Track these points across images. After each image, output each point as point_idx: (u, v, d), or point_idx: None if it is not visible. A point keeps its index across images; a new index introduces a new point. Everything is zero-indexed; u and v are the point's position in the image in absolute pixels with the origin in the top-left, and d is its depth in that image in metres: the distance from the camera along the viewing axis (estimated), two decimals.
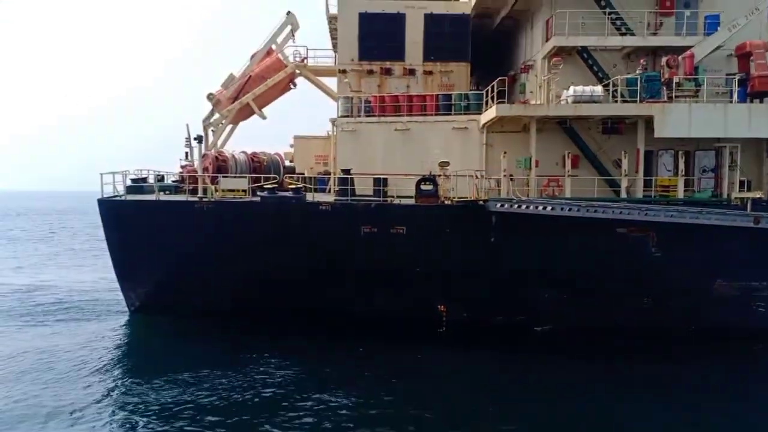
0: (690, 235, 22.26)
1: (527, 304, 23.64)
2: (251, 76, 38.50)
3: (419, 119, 26.39)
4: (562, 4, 25.26)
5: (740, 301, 22.77)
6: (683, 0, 25.34)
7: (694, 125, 22.60)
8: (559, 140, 25.16)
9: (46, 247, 57.35)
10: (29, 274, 39.26)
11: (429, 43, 29.27)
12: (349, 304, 24.14)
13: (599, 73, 25.22)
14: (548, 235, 22.80)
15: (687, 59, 23.18)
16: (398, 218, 23.46)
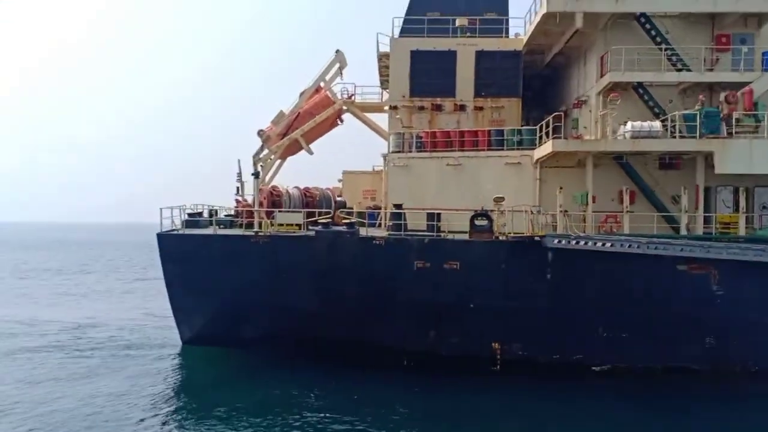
0: (752, 272, 21.74)
1: (585, 342, 23.21)
2: (300, 112, 39.37)
3: (471, 154, 26.48)
4: (617, 40, 25.27)
5: None
6: (740, 36, 25.14)
7: (755, 161, 22.25)
8: (614, 176, 24.96)
9: (94, 281, 58.60)
10: (79, 308, 40.07)
11: (480, 80, 29.50)
12: (402, 340, 24.06)
13: (655, 108, 25.04)
14: (606, 272, 22.48)
15: (746, 95, 22.92)
16: (452, 253, 23.41)
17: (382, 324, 24.08)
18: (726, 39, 25.03)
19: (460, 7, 31.49)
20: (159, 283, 29.94)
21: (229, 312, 25.45)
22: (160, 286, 28.63)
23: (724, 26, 25.12)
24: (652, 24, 25.01)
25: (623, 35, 25.44)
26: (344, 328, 24.16)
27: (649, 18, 25.01)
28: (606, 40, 25.70)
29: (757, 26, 25.04)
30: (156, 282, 50.28)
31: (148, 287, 50.81)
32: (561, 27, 26.51)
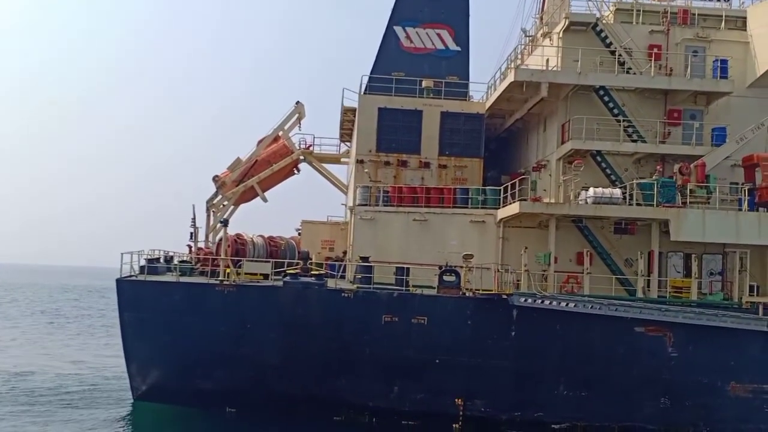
0: (705, 336, 22.86)
1: (545, 400, 23.65)
2: (257, 160, 39.46)
3: (437, 210, 27.09)
4: (577, 110, 26.70)
5: (753, 403, 23.14)
6: (690, 112, 27.03)
7: (707, 230, 23.69)
8: (573, 238, 26.00)
9: (43, 325, 55.56)
10: (22, 355, 37.95)
11: (444, 139, 30.46)
12: (366, 395, 23.94)
13: (612, 175, 26.39)
14: (568, 331, 23.19)
15: (699, 167, 24.51)
16: (420, 308, 23.67)
17: (346, 379, 23.92)
18: (677, 114, 26.85)
19: (424, 69, 32.60)
20: (111, 330, 28.83)
21: (188, 364, 24.69)
22: (112, 333, 27.53)
23: (676, 102, 26.97)
24: (610, 97, 26.59)
25: (583, 105, 26.92)
26: (307, 383, 23.88)
27: (608, 91, 26.59)
28: (567, 110, 27.12)
29: (705, 104, 27.00)
30: (107, 329, 48.43)
31: (98, 334, 48.58)
32: (525, 95, 27.82)
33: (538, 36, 33.48)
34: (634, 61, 27.08)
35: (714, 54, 27.31)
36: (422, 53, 33.24)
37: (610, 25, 27.61)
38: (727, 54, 27.19)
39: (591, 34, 27.36)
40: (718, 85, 26.24)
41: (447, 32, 33.52)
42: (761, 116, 25.76)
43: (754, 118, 25.80)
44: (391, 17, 33.79)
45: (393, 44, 33.34)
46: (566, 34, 27.66)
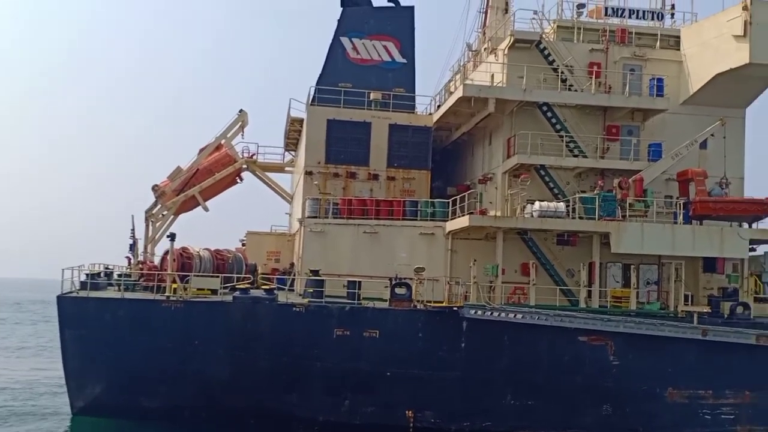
0: (644, 344, 23.83)
1: (493, 409, 24.14)
2: (199, 169, 38.83)
3: (387, 223, 27.31)
4: (521, 125, 27.45)
5: (689, 408, 24.25)
6: (627, 128, 28.18)
7: (646, 243, 24.75)
8: (517, 249, 26.67)
9: None
10: None
11: (393, 151, 30.83)
12: (316, 410, 23.91)
13: (555, 189, 27.23)
14: (515, 341, 23.77)
15: (637, 182, 25.59)
16: (372, 321, 23.80)
17: (296, 393, 23.83)
18: (616, 130, 27.93)
19: (371, 81, 32.85)
20: (49, 343, 27.75)
21: (131, 380, 24.06)
22: (51, 348, 26.53)
23: (614, 118, 28.05)
24: (553, 113, 27.45)
25: (527, 121, 27.69)
26: (256, 398, 23.65)
27: (551, 107, 27.44)
28: (512, 124, 27.84)
29: (642, 120, 28.18)
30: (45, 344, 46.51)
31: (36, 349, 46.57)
32: (472, 109, 28.41)
33: (482, 51, 34.21)
34: (575, 78, 28.04)
35: (650, 72, 28.56)
36: (369, 65, 33.47)
37: (552, 42, 28.49)
38: (663, 72, 28.48)
39: (535, 52, 28.16)
40: (654, 103, 27.44)
41: (393, 44, 33.87)
42: (694, 132, 27.06)
43: (688, 135, 27.09)
44: (337, 28, 33.91)
45: (339, 55, 33.47)
46: (511, 51, 28.39)
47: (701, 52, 28.05)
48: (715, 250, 25.25)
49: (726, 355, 23.88)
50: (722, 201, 25.61)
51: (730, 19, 26.29)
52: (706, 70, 27.71)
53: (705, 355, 24.02)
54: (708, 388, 24.18)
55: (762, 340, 23.72)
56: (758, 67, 25.80)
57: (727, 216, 25.56)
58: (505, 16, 38.36)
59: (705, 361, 24.09)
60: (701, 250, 25.22)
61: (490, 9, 38.97)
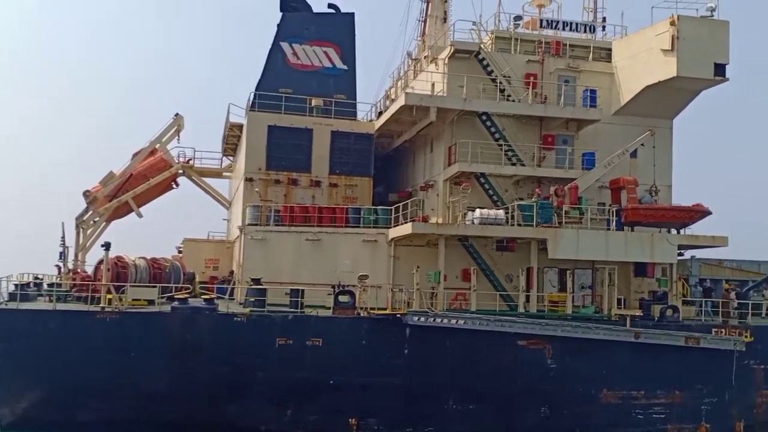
0: (581, 347, 24.57)
1: (436, 414, 24.37)
2: (132, 174, 37.78)
3: (330, 230, 27.26)
4: (462, 134, 27.93)
5: (622, 408, 25.15)
6: (562, 137, 29.07)
7: (581, 248, 25.58)
8: (458, 255, 27.09)
9: None
10: None
11: (335, 158, 30.83)
12: (258, 420, 23.58)
13: (494, 196, 27.81)
14: (457, 347, 24.10)
15: (572, 190, 26.43)
16: (315, 330, 23.66)
17: (237, 404, 23.43)
18: (551, 139, 28.79)
19: (311, 87, 32.78)
20: None
21: (64, 394, 23.14)
22: None
23: (550, 128, 28.90)
24: (492, 122, 28.04)
25: (467, 129, 28.22)
26: (195, 410, 23.12)
27: (490, 116, 28.02)
28: (453, 133, 28.28)
29: (576, 130, 29.12)
30: None
31: None
32: (414, 117, 28.71)
33: (423, 59, 34.63)
34: (512, 88, 28.73)
35: (583, 83, 29.57)
36: (309, 70, 33.39)
37: (491, 53, 29.12)
38: (595, 83, 29.53)
39: (474, 62, 28.72)
40: (587, 113, 28.42)
41: (334, 50, 33.91)
42: (625, 142, 28.14)
43: (620, 144, 28.15)
44: (277, 33, 33.69)
45: (279, 60, 33.25)
46: (451, 60, 28.87)
47: (631, 64, 29.21)
48: (646, 256, 26.33)
49: (657, 356, 24.87)
50: (652, 208, 26.72)
51: (658, 34, 27.48)
52: (636, 82, 28.86)
53: (637, 357, 24.95)
54: (640, 388, 25.13)
55: (690, 341, 24.84)
56: (685, 80, 27.07)
57: (657, 222, 26.70)
58: (444, 26, 39.02)
59: (637, 363, 25.01)
60: (633, 256, 26.26)
61: (429, 18, 39.55)
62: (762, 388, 25.97)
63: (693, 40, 26.65)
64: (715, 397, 25.51)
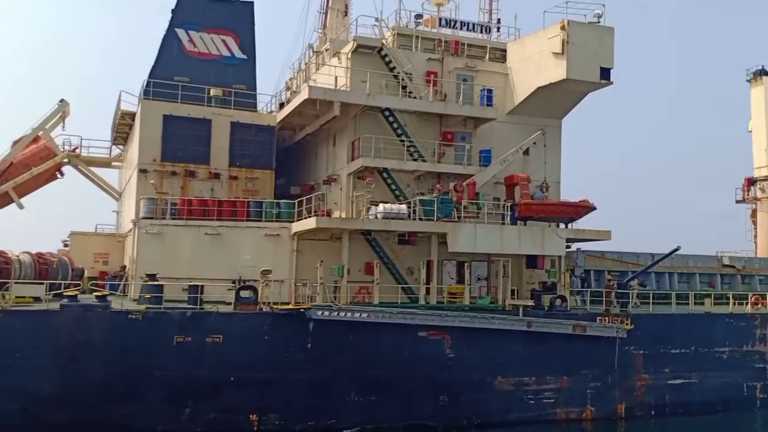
0: (478, 337, 25.52)
1: (337, 407, 24.53)
2: (13, 162, 35.48)
3: (230, 224, 26.71)
4: (365, 129, 28.15)
5: (515, 394, 26.37)
6: (461, 134, 29.95)
7: (478, 242, 26.51)
8: (361, 249, 27.36)
9: None
10: None
11: (235, 150, 30.16)
12: (153, 420, 22.79)
13: (396, 191, 28.25)
14: (360, 339, 24.34)
15: (471, 186, 27.32)
16: (215, 326, 23.16)
17: (132, 404, 22.55)
18: (451, 136, 29.58)
19: (209, 76, 31.88)
20: None
21: None
22: None
23: (449, 125, 29.68)
24: (395, 118, 28.41)
25: (370, 124, 28.47)
26: (86, 412, 22.06)
27: (393, 112, 28.40)
28: (356, 128, 28.45)
29: (474, 127, 30.09)
30: None
31: None
32: (317, 111, 28.60)
33: (324, 51, 34.53)
34: (414, 85, 29.26)
35: (480, 83, 30.56)
36: (207, 59, 32.49)
37: (393, 50, 29.48)
38: (491, 83, 30.60)
39: (377, 57, 28.99)
40: (484, 112, 29.42)
41: (232, 39, 33.16)
42: (519, 140, 29.36)
43: (514, 142, 29.33)
44: (172, 19, 32.54)
45: (175, 47, 32.14)
46: (354, 55, 28.99)
47: (524, 66, 30.49)
48: (537, 248, 27.68)
49: (547, 343, 26.25)
50: (543, 203, 28.11)
51: (550, 38, 28.85)
52: (528, 84, 30.17)
53: (529, 345, 26.21)
54: (532, 375, 26.42)
55: (577, 329, 26.39)
56: (573, 83, 28.59)
57: (548, 217, 28.12)
58: (345, 19, 39.12)
59: (529, 350, 26.28)
60: (526, 248, 27.52)
61: (331, 10, 39.56)
62: (641, 372, 27.98)
63: (581, 44, 28.16)
64: (599, 381, 27.25)
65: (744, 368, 30.05)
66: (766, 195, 46.71)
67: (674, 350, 28.75)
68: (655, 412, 28.34)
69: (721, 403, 29.32)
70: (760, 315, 30.84)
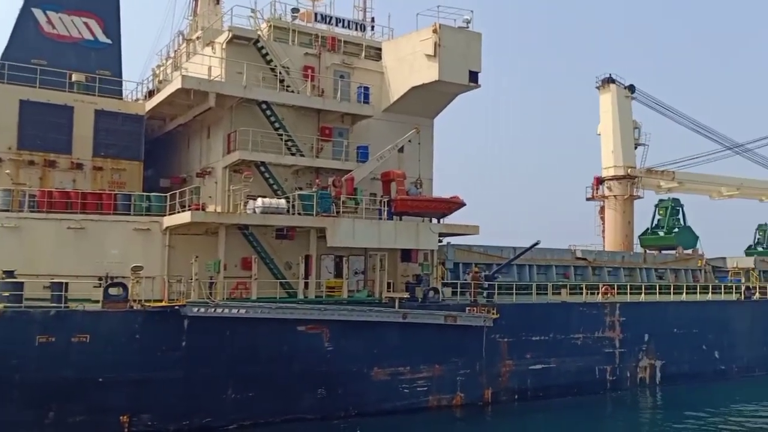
0: (355, 329, 26.01)
1: (214, 405, 24.04)
2: None
3: (95, 218, 25.28)
4: (241, 121, 27.68)
5: (391, 384, 27.12)
6: (338, 130, 30.25)
7: (357, 237, 27.00)
8: (238, 244, 26.93)
9: None
10: None
11: (99, 139, 28.52)
12: (13, 426, 21.21)
13: (275, 185, 28.05)
14: (237, 336, 24.02)
15: (349, 181, 27.71)
16: (82, 325, 21.95)
17: None
18: (329, 131, 29.79)
19: (70, 60, 29.92)
20: None
21: None
22: None
23: (327, 120, 29.88)
24: (272, 111, 28.17)
25: (247, 117, 28.03)
26: None
27: (270, 106, 28.14)
28: (232, 120, 27.89)
29: (351, 124, 30.49)
30: None
31: None
32: (190, 101, 27.69)
33: (195, 40, 33.46)
34: (291, 79, 29.16)
35: (357, 80, 31.01)
36: (67, 42, 30.47)
37: (270, 43, 29.19)
38: (367, 81, 31.13)
39: (253, 49, 28.58)
40: (361, 109, 29.91)
41: (95, 21, 31.34)
42: (395, 138, 30.13)
43: (389, 139, 30.05)
44: None
45: (31, 28, 29.86)
46: (229, 46, 28.37)
47: (399, 66, 31.33)
48: (412, 243, 28.64)
49: (421, 334, 27.25)
50: (418, 199, 29.11)
51: (423, 39, 29.87)
52: (402, 83, 31.04)
53: (404, 336, 27.08)
54: (407, 364, 27.30)
55: (449, 319, 27.62)
56: (445, 84, 29.80)
57: (422, 212, 29.17)
58: (216, 7, 38.09)
59: (404, 341, 27.14)
60: (402, 243, 28.39)
61: None
62: (506, 359, 29.74)
63: (452, 48, 29.42)
64: (468, 368, 28.65)
65: (596, 353, 32.84)
66: (613, 193, 51.23)
67: (535, 337, 30.84)
68: (518, 397, 30.26)
69: (577, 386, 31.85)
70: (609, 304, 33.82)
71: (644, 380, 34.58)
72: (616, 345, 33.57)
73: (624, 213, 51.17)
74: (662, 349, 35.21)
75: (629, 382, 34.00)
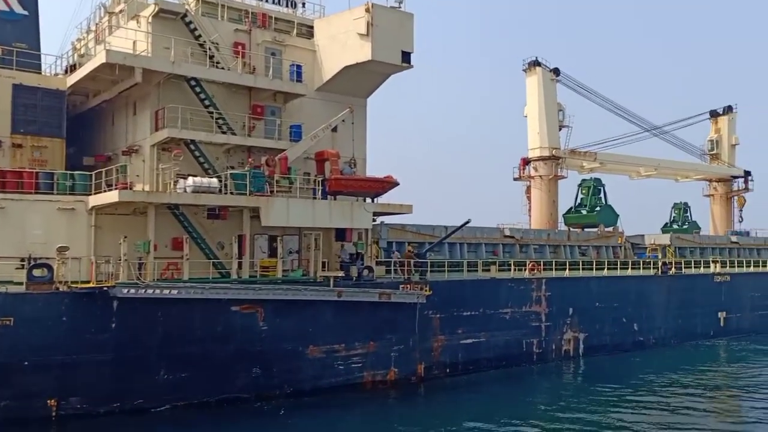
0: (290, 308, 26.04)
1: (145, 387, 23.65)
2: None
3: (16, 197, 24.22)
4: (169, 98, 26.92)
5: (326, 361, 27.34)
6: (271, 108, 29.86)
7: (291, 216, 26.89)
8: (168, 224, 26.36)
9: None
10: None
11: (18, 115, 27.18)
12: None
13: (205, 164, 27.50)
14: (169, 317, 23.65)
15: (282, 160, 27.51)
16: (4, 308, 21.12)
17: None
18: (261, 109, 29.33)
19: None
20: None
21: None
22: None
23: (259, 99, 29.39)
24: (202, 88, 27.52)
25: (175, 94, 27.27)
26: None
27: (200, 82, 27.48)
28: (160, 97, 27.10)
29: (284, 102, 30.11)
30: None
31: None
32: (115, 77, 26.67)
33: (117, 12, 32.16)
34: (221, 56, 28.53)
35: (289, 58, 30.59)
36: None
37: (198, 18, 28.44)
38: (300, 59, 30.79)
39: (180, 24, 27.76)
40: (294, 87, 29.58)
41: None
42: (328, 117, 30.04)
43: (323, 118, 29.93)
44: None
45: None
46: (155, 20, 27.47)
47: (331, 44, 31.07)
48: (347, 222, 28.75)
49: (356, 312, 27.58)
50: (352, 179, 29.18)
51: (356, 18, 29.70)
52: (335, 62, 30.80)
53: (339, 314, 27.31)
54: (342, 342, 27.57)
55: (383, 296, 27.99)
56: (378, 64, 29.79)
57: (356, 192, 29.28)
58: None
59: (339, 319, 27.38)
60: (336, 222, 28.45)
61: None
62: (438, 334, 30.45)
63: (385, 27, 29.36)
64: (402, 344, 29.21)
65: (523, 327, 34.06)
66: (539, 173, 52.84)
67: (466, 313, 31.71)
68: (450, 371, 31.10)
69: (505, 359, 33.01)
70: (536, 279, 35.08)
71: (568, 352, 36.14)
72: (543, 319, 34.91)
73: (549, 192, 52.93)
74: (585, 323, 36.85)
75: (554, 354, 35.47)
